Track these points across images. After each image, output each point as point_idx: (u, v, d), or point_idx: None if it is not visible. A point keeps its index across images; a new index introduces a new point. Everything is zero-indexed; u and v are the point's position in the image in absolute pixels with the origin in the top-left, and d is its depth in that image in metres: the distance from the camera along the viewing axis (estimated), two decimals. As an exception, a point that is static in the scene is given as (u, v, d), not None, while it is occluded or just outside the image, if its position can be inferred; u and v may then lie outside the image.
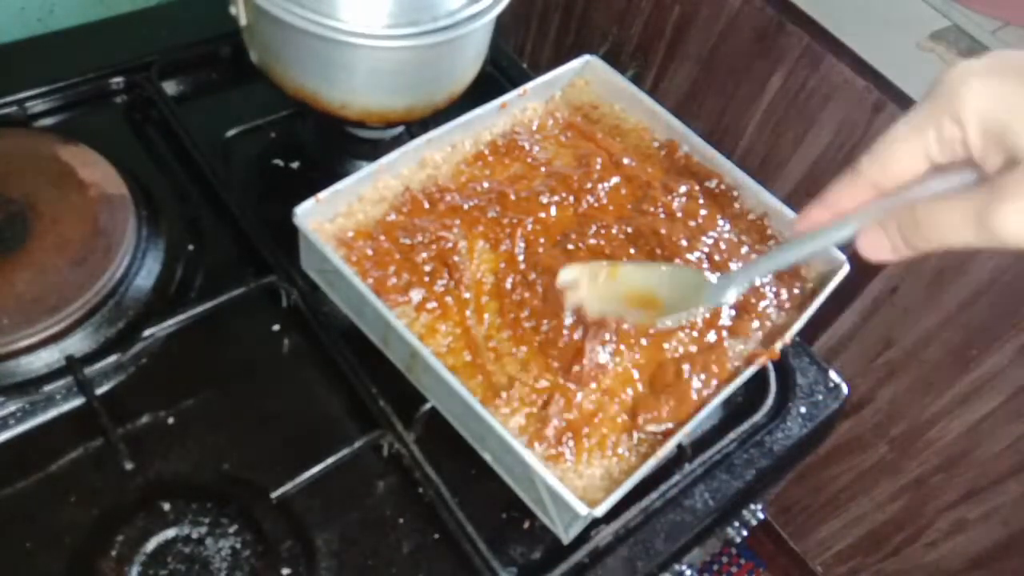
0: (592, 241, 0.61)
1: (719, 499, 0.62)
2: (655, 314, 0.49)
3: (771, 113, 1.07)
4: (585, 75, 0.72)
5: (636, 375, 0.55)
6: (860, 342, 1.11)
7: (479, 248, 0.59)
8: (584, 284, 0.52)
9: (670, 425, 0.53)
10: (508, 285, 0.57)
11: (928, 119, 0.33)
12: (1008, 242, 0.31)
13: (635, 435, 0.53)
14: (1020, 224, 0.31)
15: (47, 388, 0.55)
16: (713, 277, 0.47)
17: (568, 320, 0.56)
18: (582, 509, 0.46)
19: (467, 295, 0.56)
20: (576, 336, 0.55)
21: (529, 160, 0.66)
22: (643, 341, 0.57)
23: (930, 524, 1.16)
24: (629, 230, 0.62)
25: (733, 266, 0.62)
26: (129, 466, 0.53)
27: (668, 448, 0.51)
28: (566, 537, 0.52)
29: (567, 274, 0.53)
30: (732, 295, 0.43)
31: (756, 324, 0.59)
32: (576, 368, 0.53)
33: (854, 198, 0.36)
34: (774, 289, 0.61)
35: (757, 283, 0.42)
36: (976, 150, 0.32)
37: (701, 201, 0.66)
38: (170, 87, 0.75)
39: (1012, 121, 0.31)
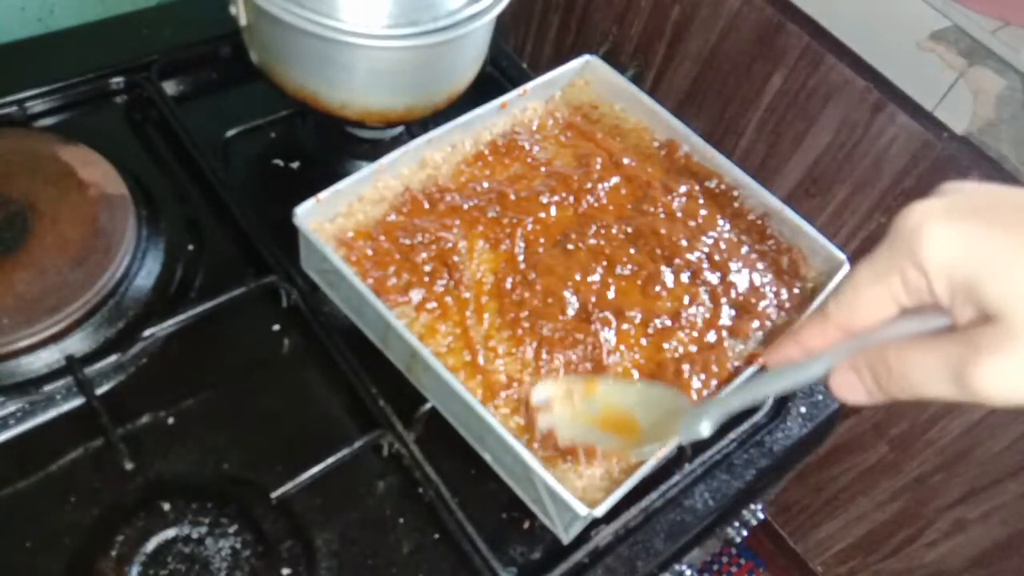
0: (592, 241, 0.61)
1: (719, 499, 0.62)
2: (630, 443, 0.48)
3: (771, 113, 1.07)
4: (585, 75, 0.72)
5: (636, 375, 0.55)
6: (860, 342, 1.11)
7: (479, 248, 0.59)
8: (557, 403, 0.50)
9: (670, 425, 0.53)
10: (508, 285, 0.57)
11: (890, 266, 0.31)
12: (986, 400, 0.29)
13: (635, 435, 0.53)
14: (998, 383, 0.28)
15: (47, 388, 0.55)
16: (688, 402, 0.45)
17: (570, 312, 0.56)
18: (582, 509, 0.46)
19: (467, 295, 0.56)
20: (577, 336, 0.55)
21: (529, 160, 0.66)
22: (643, 341, 0.57)
23: (930, 524, 1.16)
24: (629, 230, 0.62)
25: (733, 266, 0.62)
26: (129, 466, 0.53)
27: (668, 448, 0.51)
28: (566, 537, 0.52)
29: (540, 392, 0.50)
30: (707, 428, 0.43)
31: (756, 324, 0.59)
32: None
33: (824, 339, 0.35)
34: (774, 289, 0.61)
35: (729, 412, 0.42)
36: (943, 301, 0.30)
37: (701, 201, 0.66)
38: (170, 87, 0.75)
39: (979, 273, 0.29)
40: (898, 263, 0.31)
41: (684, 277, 0.60)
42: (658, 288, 0.59)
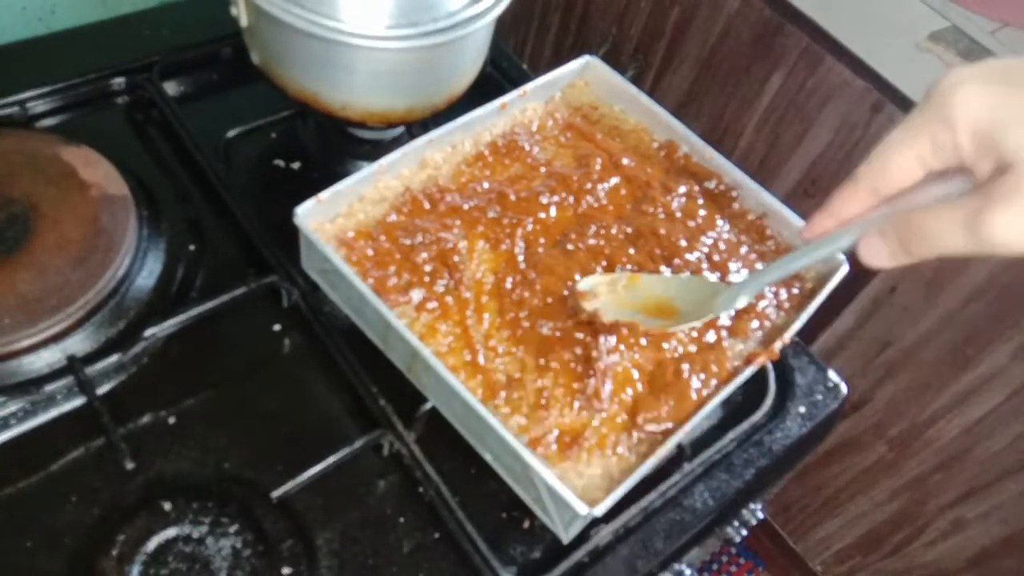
0: (592, 241, 0.61)
1: (718, 499, 0.62)
2: (670, 320, 0.51)
3: (770, 113, 1.07)
4: (585, 76, 0.72)
5: (636, 375, 0.55)
6: (859, 342, 1.11)
7: (479, 248, 0.60)
8: (603, 291, 0.55)
9: (670, 425, 0.53)
10: (508, 285, 0.58)
11: (922, 124, 0.33)
12: (998, 248, 0.31)
13: (635, 435, 0.53)
14: (1009, 231, 0.31)
15: (48, 388, 0.55)
16: (724, 285, 0.49)
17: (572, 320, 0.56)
18: (582, 508, 0.46)
19: (467, 295, 0.57)
20: (577, 336, 0.55)
21: (529, 160, 0.66)
22: (643, 341, 0.57)
23: (929, 523, 1.16)
24: (629, 230, 0.62)
25: (732, 266, 0.62)
26: (130, 466, 0.53)
27: (668, 448, 0.51)
28: (566, 536, 0.52)
29: (587, 282, 0.55)
30: (743, 300, 0.45)
31: (756, 324, 0.59)
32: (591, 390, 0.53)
33: (856, 206, 0.37)
34: (773, 289, 0.61)
35: (765, 290, 0.46)
36: (967, 155, 0.32)
37: (700, 201, 0.66)
38: (171, 88, 0.76)
39: (1000, 126, 0.31)
40: (929, 122, 0.33)
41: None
42: (658, 288, 0.59)
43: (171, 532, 0.51)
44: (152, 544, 0.51)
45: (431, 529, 0.56)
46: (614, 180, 0.66)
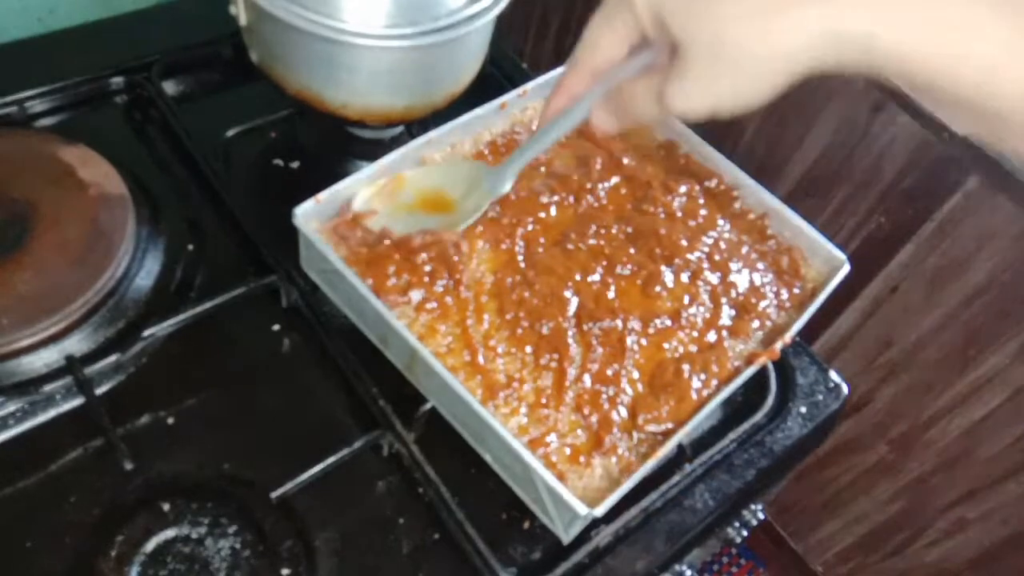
0: (592, 241, 0.61)
1: (719, 499, 0.62)
2: (452, 218, 0.55)
3: (771, 113, 1.07)
4: (585, 75, 0.72)
5: (636, 375, 0.55)
6: (860, 342, 1.11)
7: (479, 248, 0.59)
8: (378, 204, 0.57)
9: (670, 425, 0.53)
10: (508, 285, 0.57)
11: (614, 10, 0.39)
12: (678, 115, 0.38)
13: (635, 435, 0.53)
14: (679, 100, 0.37)
15: (47, 388, 0.55)
16: (488, 168, 0.54)
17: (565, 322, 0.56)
18: (582, 509, 0.46)
19: (467, 295, 0.56)
20: (570, 332, 0.55)
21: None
22: (643, 341, 0.57)
23: (930, 524, 1.16)
24: (629, 230, 0.62)
25: (733, 266, 0.62)
26: (129, 466, 0.53)
27: (668, 448, 0.51)
28: (566, 537, 0.52)
29: (358, 203, 0.57)
30: (508, 184, 0.51)
31: (756, 324, 0.59)
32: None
33: (581, 83, 0.43)
34: (774, 289, 0.61)
35: (525, 164, 0.53)
36: (652, 35, 0.38)
37: (701, 201, 0.66)
38: (170, 87, 0.75)
39: (666, 12, 0.36)
40: (618, 8, 0.39)
41: (684, 277, 0.60)
42: (658, 288, 0.59)
43: (170, 533, 0.51)
44: (151, 544, 0.51)
45: (431, 530, 0.55)
46: (614, 180, 0.66)
